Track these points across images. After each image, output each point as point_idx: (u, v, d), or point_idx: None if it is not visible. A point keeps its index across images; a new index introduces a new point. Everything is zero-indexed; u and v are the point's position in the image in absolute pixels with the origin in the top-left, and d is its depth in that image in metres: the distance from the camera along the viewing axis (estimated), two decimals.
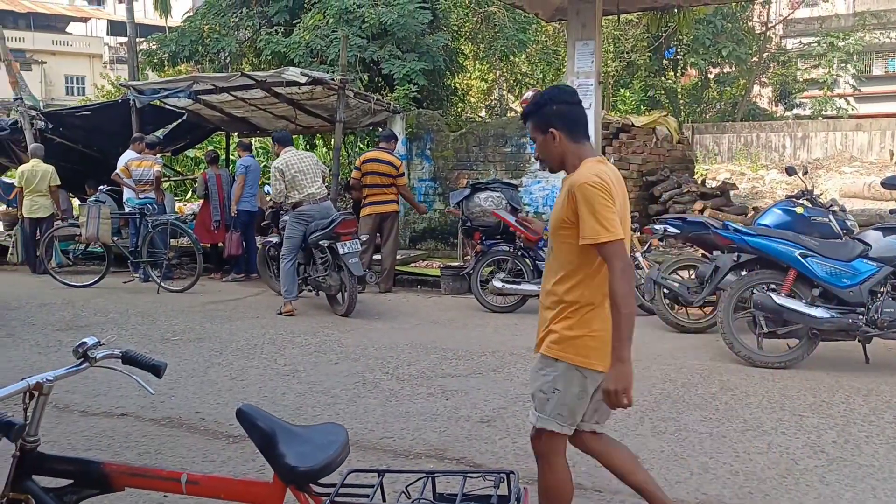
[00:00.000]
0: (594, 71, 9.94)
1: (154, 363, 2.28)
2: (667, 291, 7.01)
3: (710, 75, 23.45)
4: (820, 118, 23.17)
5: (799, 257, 5.66)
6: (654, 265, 7.66)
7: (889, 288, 5.63)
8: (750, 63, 22.59)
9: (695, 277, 6.99)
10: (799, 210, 6.61)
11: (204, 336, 6.91)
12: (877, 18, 25.24)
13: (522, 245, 7.98)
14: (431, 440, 4.24)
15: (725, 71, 23.56)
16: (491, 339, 6.78)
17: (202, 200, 11.01)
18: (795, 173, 7.17)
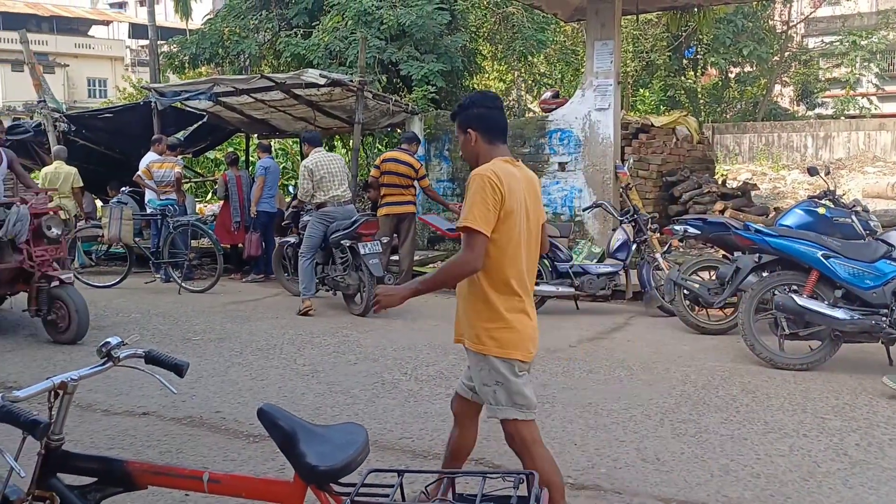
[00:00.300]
0: (613, 71, 9.92)
1: (176, 363, 2.31)
2: (687, 292, 6.97)
3: (731, 75, 23.26)
4: (842, 118, 22.92)
5: (821, 258, 5.61)
6: (674, 266, 7.62)
7: None
8: (771, 62, 22.37)
9: (715, 278, 6.93)
10: (821, 210, 6.54)
11: (224, 336, 6.96)
12: None
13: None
14: None
15: (746, 70, 23.36)
16: None
17: (222, 202, 11.09)
18: (817, 173, 7.10)
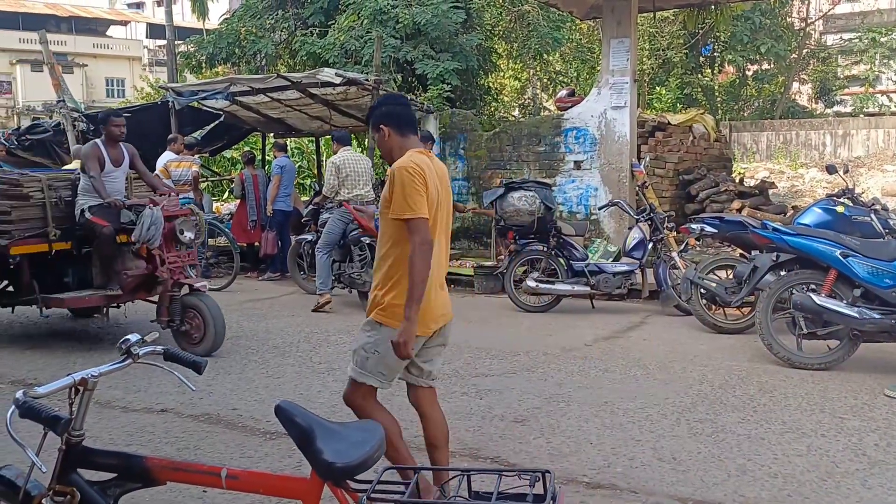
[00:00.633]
0: (629, 69, 9.88)
1: (195, 360, 2.34)
2: (704, 291, 6.93)
3: (748, 72, 23.05)
4: (861, 115, 22.64)
5: (840, 257, 5.56)
6: (691, 265, 7.58)
7: None
8: (789, 60, 22.16)
9: (732, 277, 6.89)
10: (840, 209, 6.50)
11: (241, 334, 7.01)
12: None
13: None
14: (465, 439, 4.25)
15: (764, 68, 23.13)
16: (524, 339, 6.77)
17: (239, 200, 11.16)
18: (836, 171, 7.04)
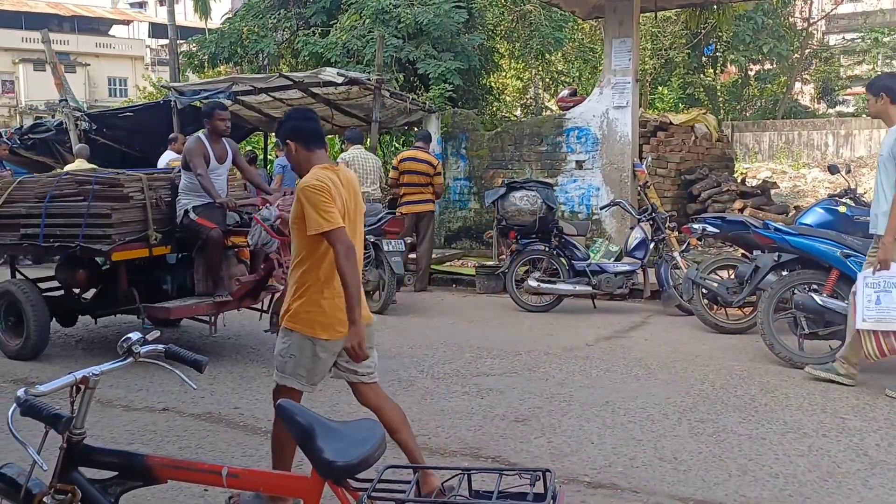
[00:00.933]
0: (631, 69, 9.88)
1: (196, 359, 2.35)
2: (705, 291, 6.92)
3: (751, 72, 23.02)
4: (864, 115, 22.60)
5: (841, 257, 5.55)
6: (693, 265, 7.57)
7: None
8: (791, 60, 22.12)
9: (734, 277, 6.87)
10: (841, 209, 6.49)
11: (241, 333, 7.01)
12: None
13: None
14: (466, 438, 4.25)
15: (766, 68, 23.10)
16: (526, 339, 6.77)
17: None
18: (838, 171, 7.03)
